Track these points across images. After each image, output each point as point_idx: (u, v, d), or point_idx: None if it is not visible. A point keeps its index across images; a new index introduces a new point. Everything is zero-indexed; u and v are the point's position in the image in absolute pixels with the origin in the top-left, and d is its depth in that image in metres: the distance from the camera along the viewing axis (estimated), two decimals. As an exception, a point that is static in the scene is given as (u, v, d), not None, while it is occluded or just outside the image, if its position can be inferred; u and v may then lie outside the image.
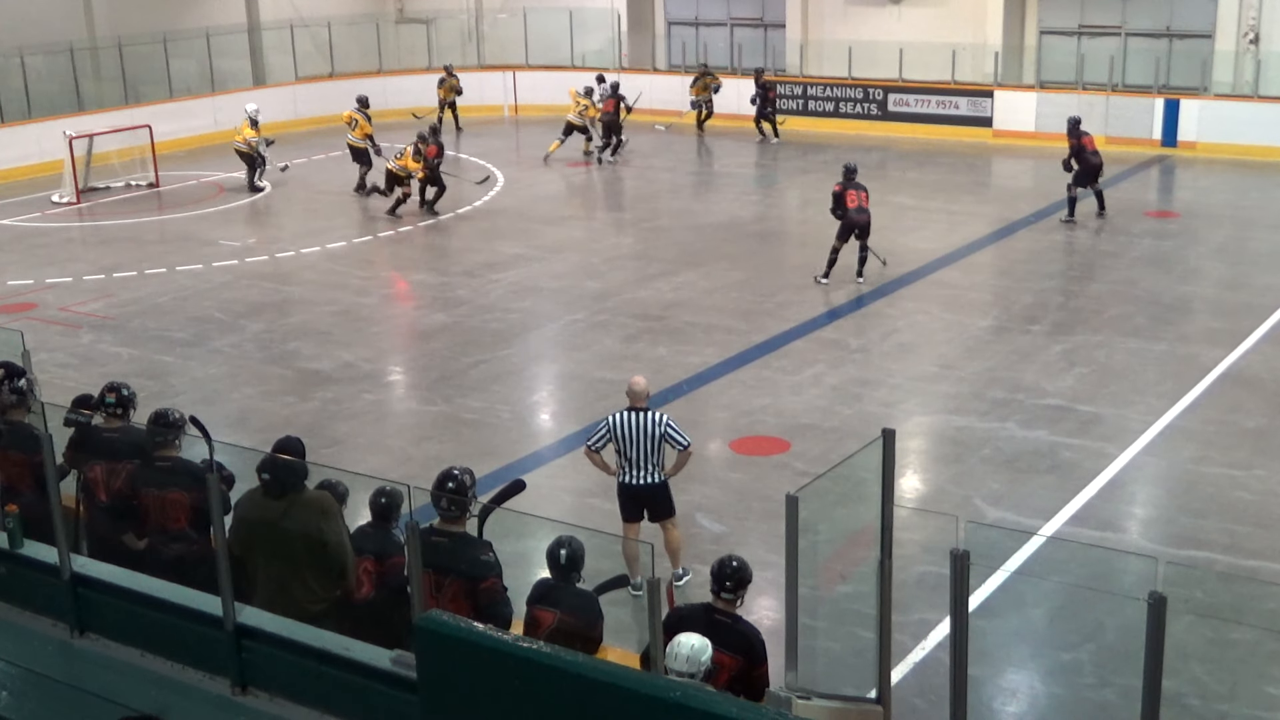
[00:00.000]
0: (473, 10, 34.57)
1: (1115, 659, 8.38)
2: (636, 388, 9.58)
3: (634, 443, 9.42)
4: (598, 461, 9.72)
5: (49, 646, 6.56)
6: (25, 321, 15.89)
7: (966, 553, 5.13)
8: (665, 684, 4.17)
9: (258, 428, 12.53)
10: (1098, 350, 14.61)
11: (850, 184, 17.13)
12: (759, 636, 6.77)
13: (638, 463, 9.46)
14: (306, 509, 7.12)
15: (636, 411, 9.47)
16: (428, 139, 21.85)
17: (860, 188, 17.13)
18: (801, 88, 30.12)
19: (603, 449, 9.59)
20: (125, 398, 8.37)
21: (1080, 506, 10.87)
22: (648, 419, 9.44)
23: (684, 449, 9.45)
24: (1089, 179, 20.17)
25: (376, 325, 16.65)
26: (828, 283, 17.09)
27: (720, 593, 6.74)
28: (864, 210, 17.04)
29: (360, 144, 23.71)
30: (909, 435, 12.37)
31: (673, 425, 9.47)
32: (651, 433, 9.40)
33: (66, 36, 28.00)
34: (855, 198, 17.01)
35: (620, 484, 9.61)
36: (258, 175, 24.42)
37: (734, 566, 6.83)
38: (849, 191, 17.04)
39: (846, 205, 17.04)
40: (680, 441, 9.44)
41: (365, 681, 5.77)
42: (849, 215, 17.04)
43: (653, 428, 9.41)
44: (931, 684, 8.14)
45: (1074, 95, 26.93)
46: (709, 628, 6.33)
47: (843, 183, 17.18)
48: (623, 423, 9.45)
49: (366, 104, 24.09)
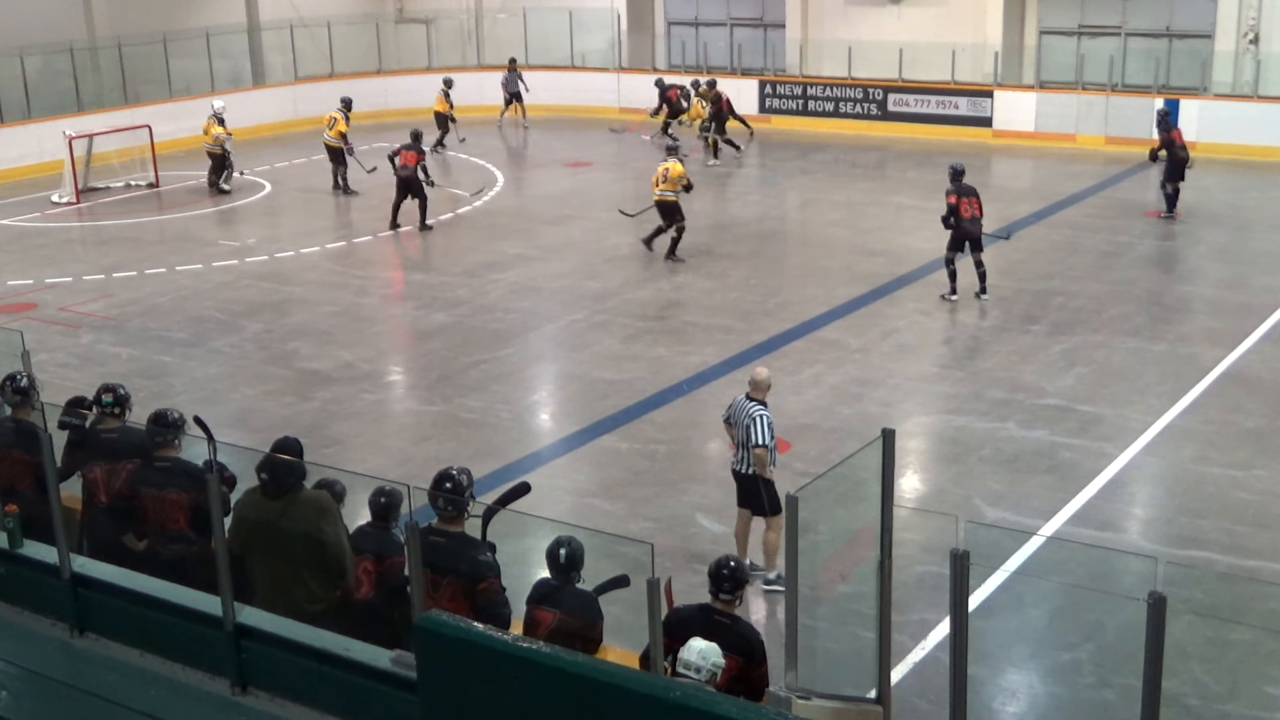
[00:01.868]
0: (472, 10, 34.58)
1: (1115, 659, 8.38)
2: (758, 377, 9.78)
3: (739, 426, 9.65)
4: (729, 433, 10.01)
5: (49, 646, 6.56)
6: (25, 321, 15.89)
7: (966, 553, 5.13)
8: (665, 684, 4.17)
9: (257, 428, 12.52)
10: (1097, 350, 14.61)
11: (963, 190, 16.26)
12: (758, 637, 6.78)
13: (743, 449, 9.67)
14: (305, 509, 7.11)
15: (750, 400, 9.64)
16: (410, 146, 20.99)
17: (973, 193, 16.31)
18: (801, 88, 30.13)
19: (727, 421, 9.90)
20: (121, 397, 8.36)
21: (1080, 506, 10.87)
22: (750, 407, 9.57)
23: (755, 446, 9.50)
24: (1178, 174, 20.24)
25: (376, 325, 16.66)
26: (957, 299, 16.40)
27: (718, 594, 6.74)
28: (977, 220, 16.19)
29: (335, 143, 23.63)
30: (909, 435, 12.37)
31: (757, 419, 9.51)
32: (743, 421, 9.57)
33: (66, 36, 28.01)
34: (969, 206, 16.15)
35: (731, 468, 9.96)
36: (224, 177, 24.30)
37: (731, 567, 6.84)
38: (964, 200, 16.16)
39: (961, 215, 16.14)
40: (755, 437, 9.49)
41: (365, 681, 5.76)
42: (963, 226, 16.18)
43: (746, 416, 9.56)
44: (931, 684, 8.13)
45: (1074, 95, 26.97)
46: (708, 629, 6.33)
47: (955, 190, 16.26)
48: (737, 407, 9.71)
49: (350, 105, 24.06)
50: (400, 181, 20.80)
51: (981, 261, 16.39)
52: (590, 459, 12.29)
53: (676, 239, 18.58)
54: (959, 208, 16.17)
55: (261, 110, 29.35)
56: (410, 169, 20.74)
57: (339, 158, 23.75)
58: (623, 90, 31.87)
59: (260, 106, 29.57)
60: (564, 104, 31.97)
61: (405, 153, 20.83)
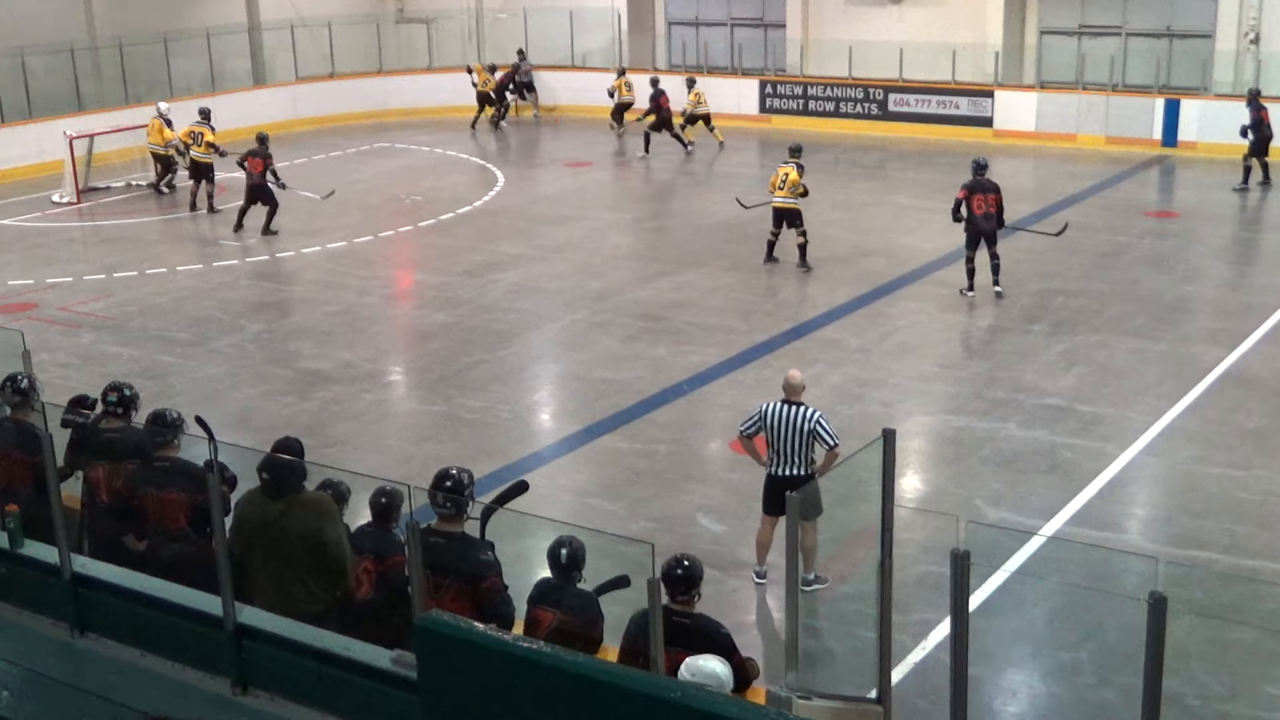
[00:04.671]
0: (473, 10, 34.59)
1: (1115, 659, 8.39)
2: (793, 381, 9.57)
3: (783, 436, 9.40)
4: (747, 449, 9.75)
5: (49, 646, 6.56)
6: (26, 321, 15.90)
7: (967, 553, 5.13)
8: (666, 684, 4.17)
9: (258, 428, 12.53)
10: (1098, 350, 14.61)
11: (976, 186, 16.15)
12: (720, 631, 6.70)
13: (786, 455, 9.43)
14: (305, 509, 7.12)
15: (790, 404, 9.44)
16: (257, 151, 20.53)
17: (988, 189, 16.15)
18: (802, 87, 30.13)
19: (753, 436, 9.60)
20: (127, 397, 8.36)
21: (1080, 506, 10.87)
22: (799, 413, 9.39)
23: (831, 448, 9.32)
24: (1263, 149, 21.19)
25: (377, 325, 16.66)
26: (974, 294, 16.38)
27: (675, 595, 6.66)
28: (990, 217, 16.09)
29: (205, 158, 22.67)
30: (909, 435, 12.37)
31: (824, 423, 9.37)
32: (801, 428, 9.35)
33: (67, 36, 28.02)
34: (982, 203, 16.06)
35: (768, 474, 9.60)
36: (170, 179, 24.19)
37: (686, 566, 6.74)
38: (975, 196, 16.10)
39: (973, 211, 16.12)
40: (829, 440, 9.33)
41: (365, 681, 5.77)
42: (975, 222, 16.17)
43: (803, 423, 9.35)
44: (932, 684, 8.13)
45: (1074, 95, 26.96)
46: (670, 631, 6.21)
47: (969, 185, 16.21)
48: (775, 413, 9.44)
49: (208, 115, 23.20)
50: (249, 189, 20.51)
51: (996, 255, 16.36)
52: (591, 459, 12.29)
53: (803, 244, 17.97)
54: (970, 203, 16.13)
55: (262, 110, 29.32)
56: (258, 176, 20.44)
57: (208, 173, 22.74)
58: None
59: (260, 106, 29.54)
60: (564, 104, 31.97)
61: (252, 159, 20.45)
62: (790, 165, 17.91)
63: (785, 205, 17.85)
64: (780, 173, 17.91)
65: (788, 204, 17.80)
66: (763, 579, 9.72)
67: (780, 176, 17.87)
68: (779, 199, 17.90)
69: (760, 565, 9.71)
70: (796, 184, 17.72)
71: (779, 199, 17.90)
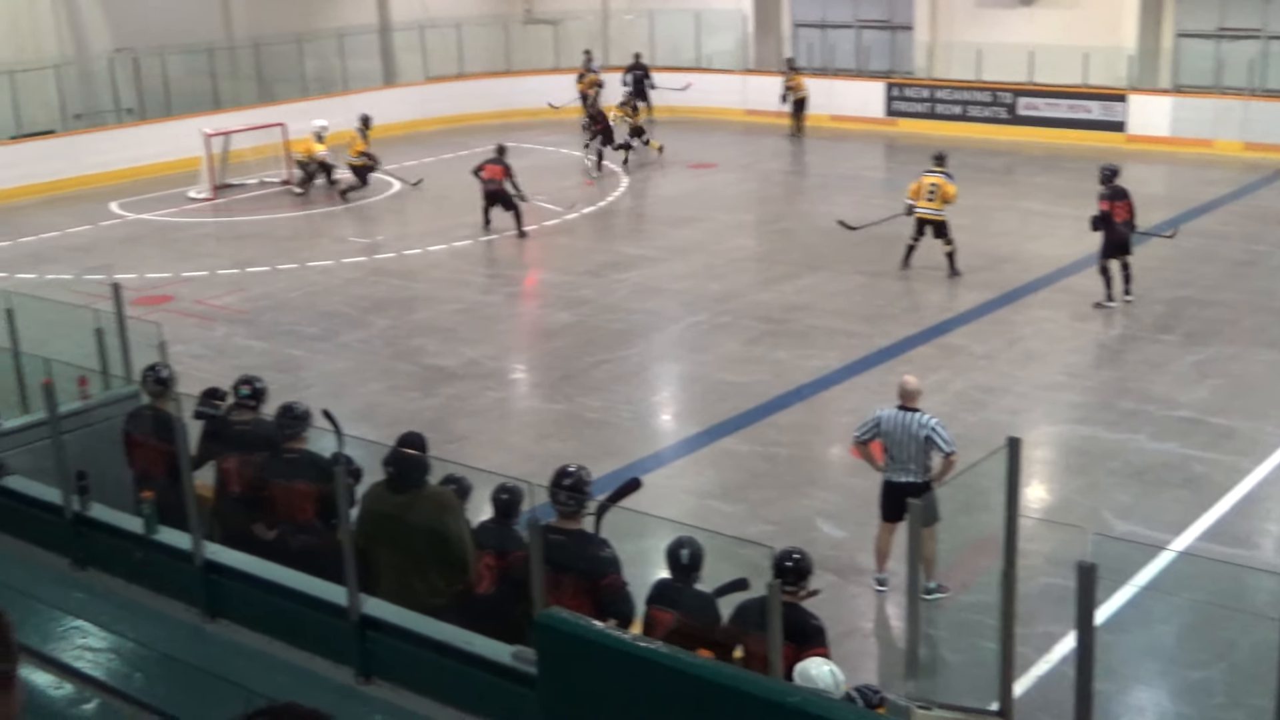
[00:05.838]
0: (599, 11, 34.77)
1: (1247, 680, 8.15)
2: (908, 386, 9.56)
3: (899, 441, 9.41)
4: (863, 454, 9.76)
5: (181, 630, 6.71)
6: (162, 314, 16.30)
7: (1093, 565, 5.03)
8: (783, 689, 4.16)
9: (383, 422, 12.72)
10: (1232, 362, 14.22)
11: (1115, 194, 15.71)
12: (813, 623, 6.83)
13: (901, 461, 9.44)
14: (429, 503, 7.23)
15: (905, 410, 9.44)
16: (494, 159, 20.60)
17: (1124, 195, 15.70)
18: (928, 90, 29.79)
19: (868, 442, 9.62)
20: (258, 390, 8.58)
21: (1213, 522, 10.59)
22: (914, 419, 9.38)
23: (947, 455, 9.28)
24: None
25: (501, 323, 16.83)
26: (1115, 305, 16.00)
27: (783, 585, 6.67)
28: (1128, 224, 15.69)
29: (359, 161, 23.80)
30: (1035, 444, 12.14)
31: (938, 429, 9.34)
32: (916, 433, 9.34)
33: (205, 37, 28.80)
34: (1122, 210, 15.64)
35: (884, 480, 9.59)
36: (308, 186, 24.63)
37: (795, 559, 6.95)
38: (1116, 205, 15.63)
39: (1114, 221, 15.64)
40: (944, 446, 9.29)
41: (485, 676, 5.81)
42: (1116, 230, 15.67)
43: (918, 429, 9.34)
44: (1055, 698, 7.97)
45: (1211, 100, 26.26)
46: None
47: (1108, 195, 15.71)
48: (890, 419, 9.45)
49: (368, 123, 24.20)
50: (486, 194, 20.63)
51: (1129, 264, 15.98)
52: (710, 461, 12.29)
53: (951, 253, 17.59)
54: (1112, 214, 15.66)
55: (393, 109, 29.79)
56: (495, 183, 20.46)
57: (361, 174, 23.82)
58: (749, 92, 31.80)
59: (391, 106, 30.02)
60: (689, 105, 31.97)
61: (490, 166, 20.54)
62: (939, 175, 17.51)
63: (932, 216, 17.50)
64: (926, 182, 17.50)
65: (935, 215, 17.47)
66: (883, 586, 9.65)
67: (927, 187, 17.46)
68: (925, 209, 17.52)
69: (880, 572, 9.65)
70: (952, 196, 17.34)
71: (925, 209, 17.52)
